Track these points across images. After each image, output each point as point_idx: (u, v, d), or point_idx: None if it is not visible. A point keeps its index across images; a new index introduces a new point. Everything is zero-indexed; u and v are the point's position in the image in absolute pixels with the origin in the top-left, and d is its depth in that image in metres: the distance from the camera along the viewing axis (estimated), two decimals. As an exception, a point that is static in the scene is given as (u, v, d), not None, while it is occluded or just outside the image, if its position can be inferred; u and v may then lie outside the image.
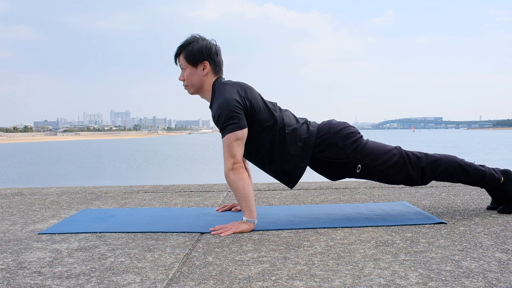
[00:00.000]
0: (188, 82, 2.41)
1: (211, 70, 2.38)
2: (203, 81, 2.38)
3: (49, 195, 3.58)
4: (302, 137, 2.37)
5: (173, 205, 3.03)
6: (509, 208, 2.49)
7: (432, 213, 2.54)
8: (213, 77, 2.39)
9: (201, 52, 2.35)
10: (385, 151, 2.42)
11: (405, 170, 2.40)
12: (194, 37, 2.40)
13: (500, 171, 2.51)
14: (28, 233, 2.27)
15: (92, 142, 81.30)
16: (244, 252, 1.85)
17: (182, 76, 2.42)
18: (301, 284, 1.47)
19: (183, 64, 2.39)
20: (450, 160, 2.45)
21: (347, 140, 2.38)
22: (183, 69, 2.41)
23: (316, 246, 1.93)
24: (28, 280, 1.56)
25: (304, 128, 2.41)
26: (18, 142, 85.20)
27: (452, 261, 1.69)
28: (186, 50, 2.37)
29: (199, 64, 2.36)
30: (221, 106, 2.25)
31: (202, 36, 2.41)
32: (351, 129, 2.44)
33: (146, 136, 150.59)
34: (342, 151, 2.37)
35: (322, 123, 2.47)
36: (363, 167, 2.39)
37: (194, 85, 2.40)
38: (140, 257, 1.81)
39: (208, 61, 2.36)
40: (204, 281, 1.52)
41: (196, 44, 2.36)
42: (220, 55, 2.42)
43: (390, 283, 1.47)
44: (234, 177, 2.23)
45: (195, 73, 2.38)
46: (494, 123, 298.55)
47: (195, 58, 2.36)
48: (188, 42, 2.38)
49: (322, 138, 2.38)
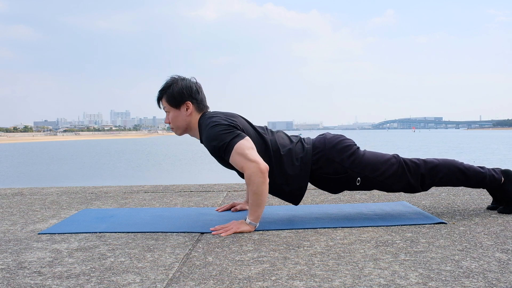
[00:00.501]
0: (174, 125, 2.42)
1: (194, 109, 2.38)
2: (188, 121, 2.39)
3: (49, 195, 3.59)
4: (298, 156, 2.36)
5: (173, 205, 3.03)
6: (509, 208, 2.48)
7: (432, 213, 2.54)
8: (197, 115, 2.39)
9: (182, 93, 2.36)
10: (383, 161, 2.41)
11: (405, 179, 2.40)
12: (173, 79, 2.41)
13: (500, 172, 2.51)
14: (28, 233, 2.27)
15: (92, 142, 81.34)
16: (244, 252, 1.85)
17: (167, 119, 2.43)
18: (301, 284, 1.47)
19: (166, 107, 2.40)
20: (449, 165, 2.44)
21: (343, 154, 2.37)
22: (167, 112, 2.41)
23: (316, 246, 1.93)
24: (28, 280, 1.56)
25: (299, 147, 2.39)
26: (18, 142, 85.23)
27: (452, 261, 1.69)
28: (167, 93, 2.38)
29: (182, 105, 2.37)
30: (211, 135, 2.24)
31: (181, 76, 2.42)
32: (346, 142, 2.42)
33: (146, 136, 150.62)
34: (340, 166, 2.36)
35: (317, 139, 2.46)
36: (362, 179, 2.38)
37: (180, 127, 2.41)
38: (140, 257, 1.81)
39: (190, 101, 2.36)
40: (204, 281, 1.52)
41: (176, 86, 2.37)
42: (201, 92, 2.42)
43: (390, 283, 1.47)
44: (259, 181, 2.16)
45: (179, 115, 2.38)
46: (494, 123, 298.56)
47: (176, 100, 2.36)
48: (168, 85, 2.39)
49: (319, 154, 2.37)
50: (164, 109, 2.43)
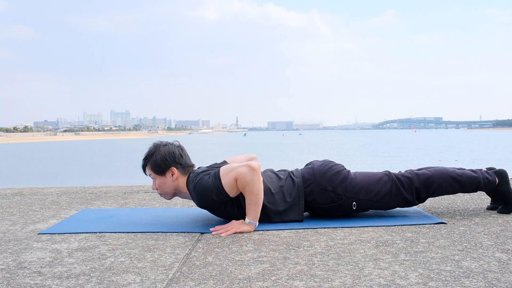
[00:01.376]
0: (162, 191, 2.42)
1: (179, 173, 2.39)
2: (175, 185, 2.40)
3: (49, 195, 3.58)
4: (290, 192, 2.36)
5: (173, 205, 3.03)
6: (508, 208, 2.49)
7: (432, 213, 2.54)
8: (184, 178, 2.40)
9: (165, 160, 2.37)
10: (375, 181, 2.40)
11: (400, 195, 2.40)
12: (155, 145, 2.42)
13: (494, 173, 2.51)
14: (28, 233, 2.27)
15: (92, 142, 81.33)
16: (244, 252, 1.85)
17: (155, 185, 2.43)
18: (301, 284, 1.47)
19: (152, 175, 2.41)
20: (442, 175, 2.43)
21: (335, 181, 2.37)
22: (154, 179, 2.42)
23: (316, 246, 1.93)
24: (28, 280, 1.56)
25: (289, 182, 2.40)
26: (18, 142, 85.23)
27: (452, 261, 1.69)
28: (150, 161, 2.39)
29: (167, 172, 2.38)
30: (200, 194, 2.28)
31: (163, 142, 2.44)
32: (335, 168, 2.41)
33: (146, 136, 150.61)
34: (334, 194, 2.36)
35: (306, 170, 2.44)
36: (358, 203, 2.38)
37: (168, 192, 2.43)
38: (140, 257, 1.81)
39: (174, 166, 2.37)
40: (204, 281, 1.52)
41: (159, 154, 2.38)
42: (184, 155, 2.42)
43: (390, 283, 1.47)
44: (252, 179, 2.19)
45: (165, 181, 2.39)
46: (494, 123, 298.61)
47: (161, 167, 2.37)
48: (151, 153, 2.40)
49: (310, 186, 2.37)
50: (150, 176, 2.44)
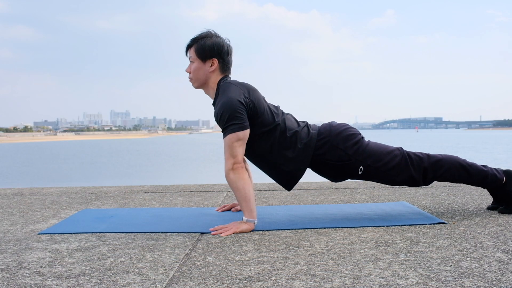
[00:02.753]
0: (194, 76, 2.41)
1: (218, 68, 2.38)
2: (208, 77, 2.39)
3: (49, 195, 3.58)
4: (302, 140, 2.37)
5: (173, 205, 3.03)
6: (510, 208, 2.48)
7: (432, 213, 2.54)
8: (219, 75, 2.40)
9: (212, 48, 2.36)
10: (387, 152, 2.41)
11: (407, 171, 2.40)
12: (208, 32, 2.41)
13: (502, 172, 2.51)
14: (28, 233, 2.27)
15: (92, 142, 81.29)
16: (244, 252, 1.85)
17: (189, 68, 2.42)
18: (301, 284, 1.47)
19: (192, 57, 2.40)
20: (452, 161, 2.44)
21: (348, 142, 2.38)
22: (192, 62, 2.41)
23: (316, 246, 1.93)
24: (28, 280, 1.56)
25: (305, 131, 2.40)
26: (18, 142, 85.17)
27: (452, 261, 1.69)
28: (198, 43, 2.38)
29: (208, 60, 2.37)
30: (224, 105, 2.25)
31: (217, 33, 2.42)
32: (352, 130, 2.44)
33: (146, 136, 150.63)
34: (344, 153, 2.36)
35: (323, 126, 2.47)
36: (365, 168, 2.38)
37: (198, 79, 2.41)
38: (140, 257, 1.81)
39: (217, 59, 2.37)
40: (204, 281, 1.52)
41: (209, 40, 2.37)
42: (230, 55, 2.43)
43: (390, 283, 1.47)
44: (234, 177, 2.24)
45: (202, 68, 2.38)
46: (494, 123, 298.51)
47: (205, 53, 2.36)
48: (202, 37, 2.39)
49: (323, 140, 2.38)
50: (189, 58, 2.42)
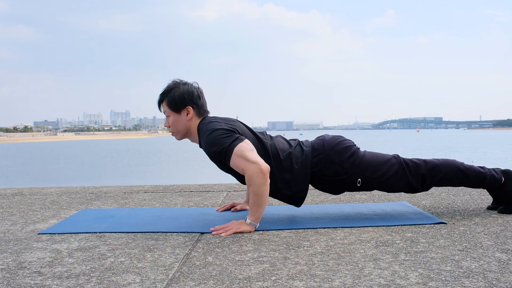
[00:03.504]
0: (174, 129, 2.42)
1: (194, 114, 2.38)
2: (188, 126, 2.39)
3: (49, 195, 3.58)
4: (298, 160, 2.35)
5: (173, 205, 3.03)
6: (509, 208, 2.48)
7: (432, 213, 2.54)
8: (197, 120, 2.40)
9: (183, 97, 2.36)
10: (383, 161, 2.41)
11: (405, 179, 2.40)
12: (175, 83, 2.41)
13: (500, 172, 2.51)
14: (28, 233, 2.27)
15: (92, 142, 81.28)
16: (244, 252, 1.85)
17: (167, 123, 2.43)
18: (301, 284, 1.47)
19: (167, 111, 2.40)
20: (449, 165, 2.44)
21: (343, 155, 2.37)
22: (168, 116, 2.41)
23: (316, 246, 1.93)
24: (28, 280, 1.56)
25: (298, 150, 2.39)
26: (18, 142, 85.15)
27: (452, 261, 1.69)
28: (168, 97, 2.38)
29: (182, 110, 2.37)
30: (210, 140, 2.24)
31: (183, 80, 2.42)
32: (346, 143, 2.42)
33: (146, 136, 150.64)
34: (340, 167, 2.36)
35: (316, 141, 2.45)
36: (363, 180, 2.38)
37: (180, 131, 2.42)
38: (140, 257, 1.81)
39: (191, 106, 2.37)
40: (204, 281, 1.52)
41: (178, 90, 2.37)
42: (202, 97, 2.42)
43: (390, 283, 1.47)
44: (260, 181, 2.14)
45: (179, 119, 2.38)
46: (494, 123, 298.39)
47: (177, 104, 2.36)
48: (170, 89, 2.39)
49: (318, 157, 2.37)
50: (164, 113, 2.43)
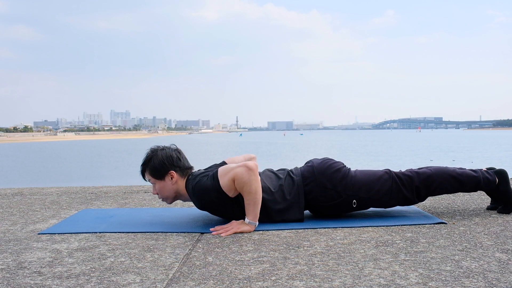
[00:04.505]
0: (162, 195, 2.44)
1: (178, 176, 2.40)
2: (175, 189, 2.41)
3: (49, 195, 3.58)
4: (290, 191, 2.36)
5: (173, 205, 3.03)
6: (508, 208, 2.49)
7: (432, 213, 2.54)
8: (183, 181, 2.41)
9: (163, 164, 2.38)
10: (375, 179, 2.41)
11: (400, 193, 2.41)
12: (153, 150, 2.43)
13: (494, 173, 2.51)
14: (28, 233, 2.27)
15: (92, 142, 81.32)
16: (244, 252, 1.85)
17: (155, 190, 2.44)
18: (301, 284, 1.47)
19: (152, 180, 2.42)
20: (442, 174, 2.44)
21: (334, 179, 2.37)
22: (153, 184, 2.43)
23: (316, 246, 1.93)
24: (28, 280, 1.56)
25: (289, 181, 2.40)
26: (18, 142, 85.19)
27: (452, 261, 1.69)
28: (149, 166, 2.41)
29: (166, 176, 2.39)
30: (199, 195, 2.29)
31: (160, 146, 2.45)
32: (335, 166, 2.41)
33: (146, 136, 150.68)
34: (334, 192, 2.36)
35: (305, 168, 2.44)
36: (358, 201, 2.39)
37: (169, 196, 2.44)
38: (140, 257, 1.81)
39: (173, 170, 2.38)
40: (204, 281, 1.52)
41: (157, 158, 2.39)
42: (182, 157, 2.44)
43: (390, 283, 1.47)
44: (250, 179, 2.19)
45: (165, 185, 2.40)
46: (494, 123, 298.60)
47: (159, 172, 2.39)
48: (149, 158, 2.41)
49: (310, 185, 2.37)
50: (149, 181, 2.45)
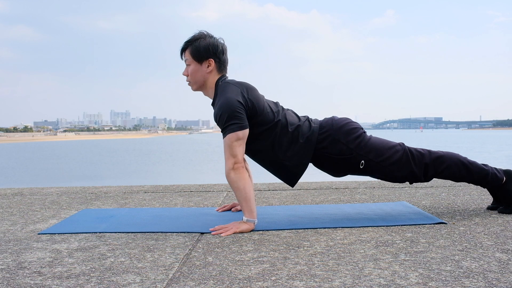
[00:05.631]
0: (192, 78, 2.41)
1: (215, 68, 2.38)
2: (206, 78, 2.39)
3: (49, 195, 3.58)
4: (305, 134, 2.37)
5: (173, 205, 3.03)
6: (510, 208, 2.48)
7: (432, 213, 2.54)
8: (217, 75, 2.40)
9: (207, 49, 2.36)
10: (389, 147, 2.41)
11: (408, 167, 2.40)
12: (201, 33, 2.41)
13: (503, 171, 2.51)
14: (28, 233, 2.27)
15: (92, 142, 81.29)
16: (244, 252, 1.85)
17: (186, 71, 2.42)
18: (301, 284, 1.47)
19: (188, 60, 2.40)
20: (453, 158, 2.45)
21: (350, 136, 2.38)
22: (188, 65, 2.41)
23: (316, 246, 1.93)
24: (28, 280, 1.56)
25: (306, 125, 2.41)
26: (18, 142, 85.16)
27: (452, 261, 1.69)
28: (192, 45, 2.38)
29: (204, 61, 2.37)
30: (223, 105, 2.25)
31: (210, 33, 2.42)
32: (353, 124, 2.44)
33: (146, 136, 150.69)
34: (345, 147, 2.37)
35: (325, 120, 2.47)
36: (366, 163, 2.39)
37: (197, 82, 2.41)
38: (140, 257, 1.81)
39: (213, 59, 2.37)
40: (204, 281, 1.52)
41: (203, 41, 2.37)
42: (226, 54, 2.43)
43: (390, 283, 1.47)
44: (235, 177, 2.24)
45: (199, 70, 2.38)
46: (494, 123, 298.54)
47: (201, 54, 2.36)
48: (196, 38, 2.39)
49: (325, 134, 2.38)
50: (185, 61, 2.42)
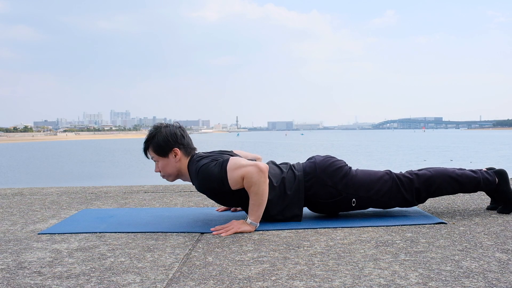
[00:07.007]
0: (165, 173, 2.43)
1: (182, 154, 2.39)
2: (178, 167, 2.40)
3: (49, 195, 3.58)
4: (291, 185, 2.36)
5: (173, 205, 3.03)
6: (508, 208, 2.49)
7: (432, 213, 2.54)
8: (186, 160, 2.40)
9: (167, 141, 2.36)
10: (376, 179, 2.41)
11: (400, 195, 2.41)
12: (156, 127, 2.42)
13: (494, 173, 2.51)
14: (28, 233, 2.27)
15: (92, 142, 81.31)
16: (244, 252, 1.85)
17: (157, 168, 2.43)
18: (301, 284, 1.47)
19: (155, 157, 2.41)
20: (442, 175, 2.44)
21: (335, 176, 2.37)
22: (156, 162, 2.42)
23: (316, 246, 1.93)
24: (28, 280, 1.56)
25: (290, 175, 2.39)
26: (18, 142, 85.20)
27: (452, 261, 1.69)
28: (152, 143, 2.39)
29: (170, 153, 2.38)
30: (203, 179, 2.27)
31: (163, 123, 2.44)
32: (337, 164, 2.42)
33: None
34: (334, 189, 2.37)
35: (307, 164, 2.45)
36: (357, 200, 2.39)
37: (171, 174, 2.42)
38: (140, 257, 1.81)
39: (177, 147, 2.37)
40: (204, 281, 1.52)
41: (160, 135, 2.37)
42: (186, 136, 2.42)
43: (390, 283, 1.47)
44: (260, 180, 2.19)
45: (168, 163, 2.39)
46: (494, 123, 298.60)
47: (163, 149, 2.37)
48: (152, 135, 2.40)
49: (311, 181, 2.37)
50: (152, 159, 2.43)
